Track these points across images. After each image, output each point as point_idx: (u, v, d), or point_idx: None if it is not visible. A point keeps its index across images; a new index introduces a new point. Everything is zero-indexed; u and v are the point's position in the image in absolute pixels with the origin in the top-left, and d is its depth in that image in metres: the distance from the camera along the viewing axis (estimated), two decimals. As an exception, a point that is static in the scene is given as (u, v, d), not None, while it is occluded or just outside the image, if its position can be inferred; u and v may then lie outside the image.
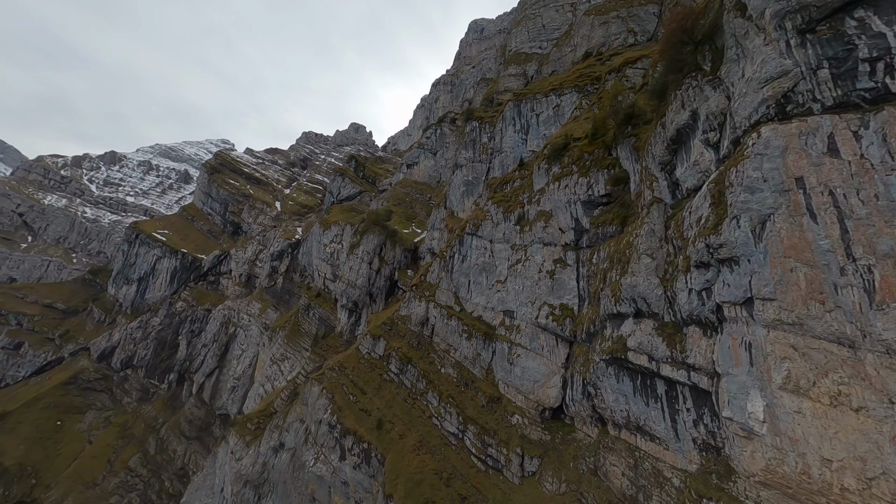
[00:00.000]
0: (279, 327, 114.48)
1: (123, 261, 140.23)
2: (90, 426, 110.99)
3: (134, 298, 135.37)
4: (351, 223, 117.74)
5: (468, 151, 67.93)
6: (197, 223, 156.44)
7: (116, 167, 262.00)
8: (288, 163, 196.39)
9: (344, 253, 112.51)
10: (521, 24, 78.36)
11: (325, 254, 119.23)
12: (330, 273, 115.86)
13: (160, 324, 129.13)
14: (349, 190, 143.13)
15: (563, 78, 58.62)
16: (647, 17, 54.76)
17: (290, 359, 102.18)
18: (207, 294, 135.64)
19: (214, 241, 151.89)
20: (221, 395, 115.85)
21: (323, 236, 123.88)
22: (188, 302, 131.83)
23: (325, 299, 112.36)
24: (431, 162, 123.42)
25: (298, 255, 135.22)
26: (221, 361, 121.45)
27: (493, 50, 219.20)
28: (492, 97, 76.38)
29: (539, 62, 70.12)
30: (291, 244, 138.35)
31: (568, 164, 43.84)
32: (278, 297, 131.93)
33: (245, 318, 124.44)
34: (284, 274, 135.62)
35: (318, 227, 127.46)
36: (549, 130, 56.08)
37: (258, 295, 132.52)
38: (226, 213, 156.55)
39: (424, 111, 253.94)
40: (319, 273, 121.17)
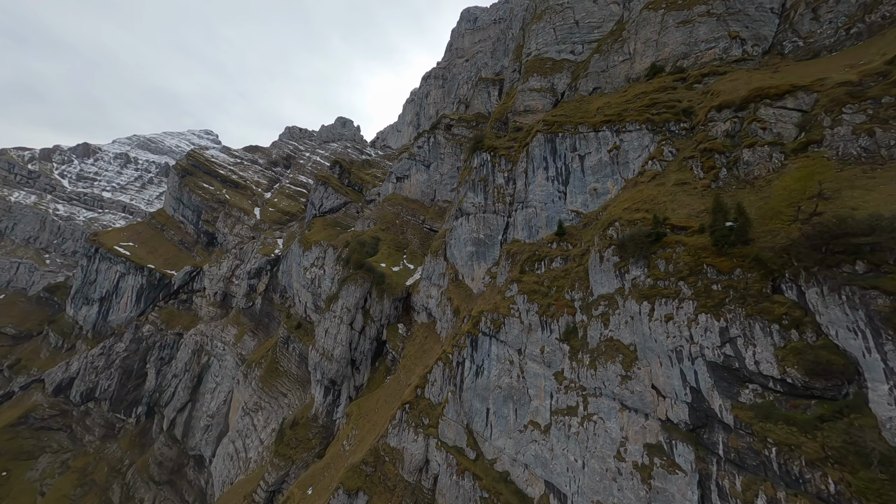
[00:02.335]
0: (255, 362, 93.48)
1: (83, 278, 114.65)
2: (43, 474, 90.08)
3: (95, 321, 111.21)
4: (334, 245, 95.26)
5: (476, 195, 46.41)
6: (167, 232, 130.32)
7: (91, 160, 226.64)
8: (269, 162, 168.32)
9: (327, 280, 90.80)
10: (542, 17, 55.04)
11: (305, 279, 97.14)
12: (311, 302, 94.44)
13: (125, 350, 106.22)
14: (333, 201, 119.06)
15: (620, 102, 37.16)
16: (760, 15, 32.99)
17: (265, 409, 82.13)
18: (179, 315, 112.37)
19: (187, 254, 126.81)
20: (194, 434, 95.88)
21: (303, 258, 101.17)
22: (156, 325, 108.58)
23: (307, 331, 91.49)
24: (424, 176, 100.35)
25: (278, 274, 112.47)
26: (194, 395, 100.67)
27: (489, 42, 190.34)
28: (505, 116, 54.09)
29: (573, 73, 47.92)
30: (271, 260, 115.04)
31: (668, 276, 23.49)
32: (257, 320, 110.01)
33: (219, 347, 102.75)
34: (263, 294, 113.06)
35: (297, 247, 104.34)
36: (602, 184, 35.12)
37: (234, 317, 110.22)
38: (199, 222, 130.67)
39: (414, 106, 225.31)
40: (300, 299, 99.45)
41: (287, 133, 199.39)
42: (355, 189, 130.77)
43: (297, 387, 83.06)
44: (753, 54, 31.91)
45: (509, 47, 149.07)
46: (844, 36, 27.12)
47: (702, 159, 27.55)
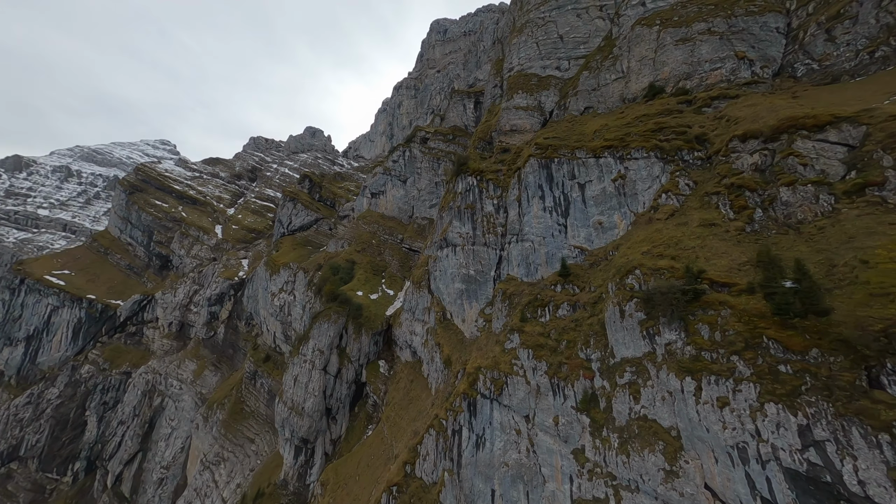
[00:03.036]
0: (218, 403, 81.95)
1: (5, 314, 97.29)
2: (-49, 556, 73.38)
3: (21, 364, 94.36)
4: (304, 269, 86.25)
5: (463, 224, 40.78)
6: (112, 257, 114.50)
7: (23, 174, 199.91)
8: (232, 175, 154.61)
9: (298, 307, 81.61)
10: (523, 31, 50.88)
11: (273, 306, 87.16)
12: (281, 332, 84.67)
13: (59, 396, 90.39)
14: (303, 218, 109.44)
15: (620, 125, 33.05)
16: (766, 35, 30.12)
17: (229, 460, 71.36)
18: (126, 351, 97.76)
19: (136, 280, 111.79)
20: (146, 489, 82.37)
21: (270, 282, 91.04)
22: (98, 364, 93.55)
23: (276, 364, 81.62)
24: (401, 191, 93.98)
25: (243, 299, 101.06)
26: (145, 443, 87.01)
27: (460, 54, 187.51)
28: (489, 135, 49.11)
29: (560, 90, 43.82)
30: (234, 284, 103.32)
31: (715, 346, 18.85)
32: (219, 351, 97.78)
33: (175, 386, 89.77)
34: (227, 322, 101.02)
35: (263, 270, 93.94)
36: (608, 217, 30.63)
37: (193, 350, 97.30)
38: (150, 244, 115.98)
39: (387, 116, 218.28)
40: (268, 327, 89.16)
41: (252, 144, 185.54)
42: (327, 204, 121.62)
43: (265, 430, 73.08)
44: (764, 77, 28.89)
45: (481, 60, 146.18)
46: (868, 60, 24.45)
47: (730, 196, 23.51)
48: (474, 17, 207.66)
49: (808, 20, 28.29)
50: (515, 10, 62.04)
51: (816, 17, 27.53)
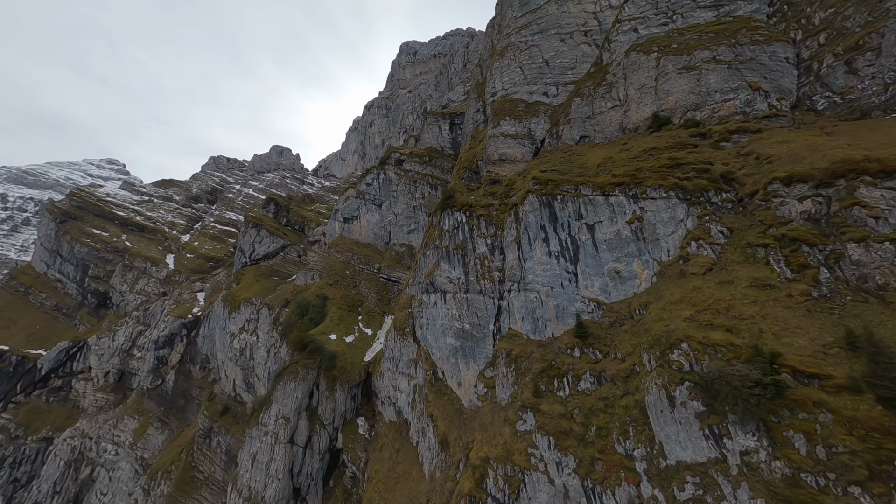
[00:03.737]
0: (163, 470, 68.16)
1: None
2: None
3: None
4: (269, 304, 75.85)
5: (453, 268, 34.72)
6: (35, 296, 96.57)
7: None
8: (188, 198, 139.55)
9: (261, 349, 70.75)
10: (505, 55, 47.11)
11: (232, 349, 75.49)
12: (241, 379, 73.02)
13: (-45, 476, 71.75)
14: (268, 245, 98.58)
15: (627, 159, 28.96)
16: (776, 65, 27.56)
17: (174, 547, 58.58)
18: (47, 412, 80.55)
19: (65, 322, 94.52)
20: (68, 585, 66.12)
21: (229, 321, 79.31)
22: (9, 432, 75.81)
23: (236, 416, 69.79)
24: (376, 216, 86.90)
25: (198, 339, 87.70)
26: (69, 526, 70.61)
27: (430, 75, 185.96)
28: (475, 164, 44.02)
29: (551, 117, 39.84)
30: (188, 323, 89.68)
31: (820, 467, 13.80)
32: (168, 402, 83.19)
33: (109, 451, 74.36)
34: (178, 367, 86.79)
35: (221, 307, 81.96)
36: (626, 266, 25.90)
37: (135, 404, 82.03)
38: (85, 279, 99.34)
39: (358, 135, 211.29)
40: (227, 373, 76.92)
41: (212, 164, 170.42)
42: (295, 229, 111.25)
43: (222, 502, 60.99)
44: (783, 109, 26.08)
45: (453, 81, 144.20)
46: (902, 95, 21.98)
47: (783, 251, 19.39)
48: (443, 40, 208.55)
49: (820, 51, 26.09)
50: (493, 33, 58.78)
51: (831, 48, 25.29)
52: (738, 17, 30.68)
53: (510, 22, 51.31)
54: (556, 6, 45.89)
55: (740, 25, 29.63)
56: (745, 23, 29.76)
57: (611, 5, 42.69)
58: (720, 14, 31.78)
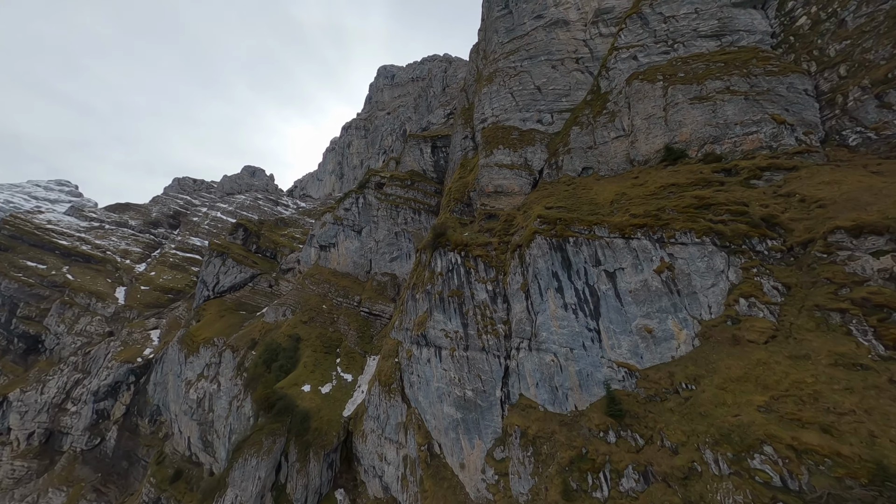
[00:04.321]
0: (94, 557, 55.38)
1: None
2: None
3: None
4: (233, 346, 66.21)
5: (449, 318, 29.14)
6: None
7: None
8: (147, 223, 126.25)
9: (223, 399, 60.65)
10: (493, 80, 43.96)
11: (188, 400, 64.66)
12: (198, 436, 62.10)
13: None
14: (234, 276, 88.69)
15: (644, 196, 25.34)
16: (796, 97, 25.36)
17: None
18: (-52, 489, 64.65)
19: (-17, 374, 78.84)
20: None
21: (186, 366, 68.53)
22: None
23: (190, 483, 58.63)
24: (355, 243, 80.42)
25: (148, 387, 75.29)
26: None
27: (409, 97, 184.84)
28: (467, 196, 39.39)
29: (549, 147, 36.32)
30: (136, 368, 77.09)
31: None
32: (108, 467, 69.57)
33: (27, 535, 60.02)
34: (121, 421, 73.59)
35: (177, 350, 70.95)
36: (659, 324, 21.55)
37: (64, 471, 67.86)
38: (12, 321, 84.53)
39: (336, 155, 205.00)
40: (181, 428, 65.47)
41: (176, 186, 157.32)
42: (267, 256, 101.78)
43: None
44: (814, 145, 23.55)
45: (433, 104, 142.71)
46: (949, 132, 19.79)
47: (869, 319, 15.62)
48: (420, 64, 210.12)
49: (843, 84, 24.14)
50: (477, 58, 56.13)
51: (856, 81, 23.32)
52: (743, 48, 28.84)
53: (496, 48, 48.65)
54: (545, 33, 43.63)
55: (749, 55, 27.65)
56: (753, 53, 27.85)
57: (601, 34, 40.81)
58: (723, 44, 29.93)
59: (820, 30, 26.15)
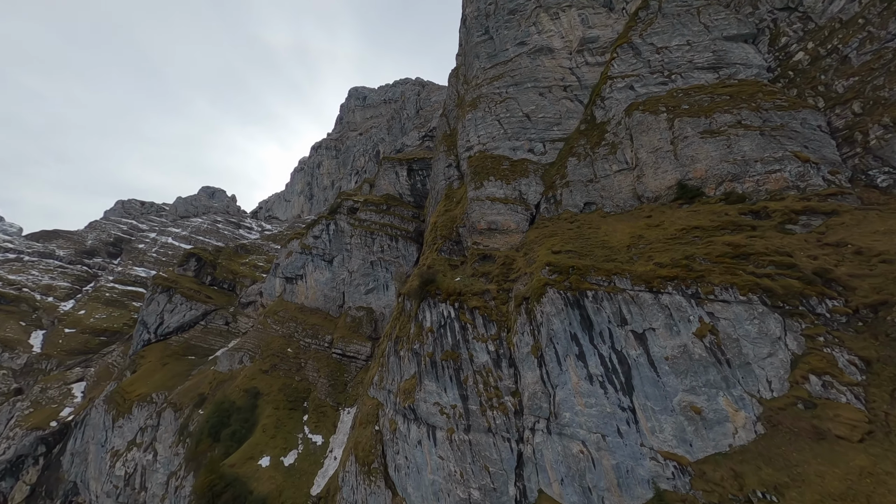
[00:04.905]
0: None
1: None
2: None
3: None
4: (176, 404, 55.05)
5: (445, 389, 23.26)
6: None
7: None
8: (79, 252, 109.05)
9: (159, 474, 48.87)
10: (478, 106, 40.58)
11: (113, 476, 52.02)
12: (124, 523, 49.61)
13: None
14: (183, 314, 76.67)
15: (665, 240, 21.94)
16: (811, 133, 23.49)
17: None
18: None
19: None
20: None
21: (113, 432, 55.84)
22: None
23: (112, 587, 45.74)
24: (326, 274, 72.70)
25: (63, 458, 60.58)
26: None
27: (381, 119, 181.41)
28: (456, 233, 34.50)
29: (544, 179, 32.74)
30: (48, 436, 62.14)
31: None
32: (-1, 572, 53.97)
33: None
34: (25, 507, 58.00)
35: (102, 410, 58.01)
36: (709, 401, 17.45)
37: (-65, 586, 51.44)
38: None
39: (305, 175, 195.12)
40: (104, 513, 52.30)
41: (119, 209, 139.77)
42: (224, 288, 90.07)
43: None
44: (844, 185, 21.43)
45: (406, 126, 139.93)
46: None
47: None
48: (392, 87, 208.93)
49: (860, 121, 22.70)
50: (457, 83, 53.12)
51: (875, 119, 21.87)
52: (744, 81, 27.41)
53: (478, 73, 45.77)
54: (529, 60, 41.32)
55: (753, 89, 26.07)
56: (756, 86, 26.35)
57: (587, 62, 39.05)
58: (721, 76, 28.46)
59: (821, 65, 25.17)
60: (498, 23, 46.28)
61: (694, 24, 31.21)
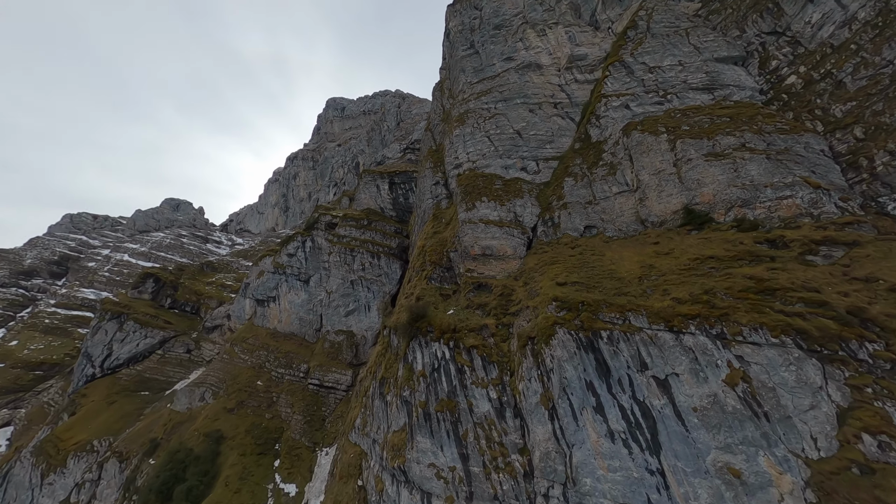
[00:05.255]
0: None
1: None
2: None
3: None
4: (121, 453, 47.78)
5: (441, 447, 19.90)
6: None
7: None
8: (14, 273, 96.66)
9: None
10: (465, 121, 38.46)
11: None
12: None
13: None
14: (136, 343, 68.35)
15: (678, 269, 20.01)
16: (815, 157, 22.79)
17: None
18: None
19: None
20: None
21: (41, 492, 47.12)
22: None
23: None
24: (301, 296, 67.66)
25: (-21, 525, 50.46)
26: None
27: (361, 130, 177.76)
28: (447, 258, 31.33)
29: (539, 199, 30.61)
30: (-39, 497, 51.75)
31: None
32: None
33: None
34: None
35: (29, 464, 49.18)
36: (746, 460, 15.18)
37: None
38: None
39: (280, 186, 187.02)
40: None
41: (67, 223, 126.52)
42: (186, 311, 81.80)
43: None
44: (858, 213, 20.54)
45: (387, 138, 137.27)
46: None
47: None
48: (372, 99, 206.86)
49: (863, 146, 22.21)
50: (442, 97, 51.12)
51: (880, 144, 21.40)
52: (740, 103, 26.87)
53: (465, 87, 43.92)
54: (517, 75, 39.94)
55: (751, 111, 25.43)
56: (755, 109, 25.76)
57: (576, 80, 38.11)
58: (716, 97, 27.87)
59: (816, 89, 24.94)
60: (483, 37, 44.96)
61: (684, 45, 30.85)
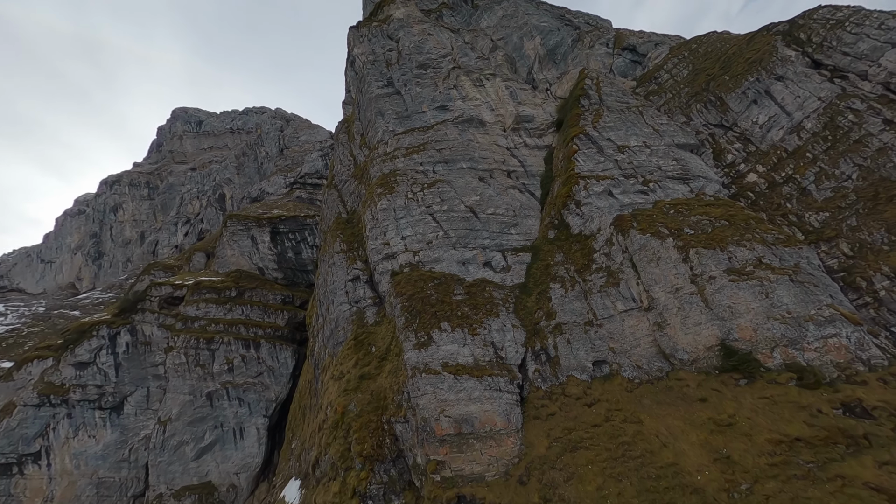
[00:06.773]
0: None
1: None
2: None
3: None
4: None
5: None
6: None
7: None
8: None
9: None
10: (394, 189, 26.72)
11: None
12: None
13: None
14: None
15: (778, 471, 13.22)
16: (822, 278, 17.78)
17: None
18: None
19: None
20: None
21: None
22: None
23: None
24: (106, 436, 42.18)
25: None
26: None
27: (227, 152, 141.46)
28: (390, 436, 18.20)
29: (520, 315, 20.98)
30: None
31: None
32: None
33: None
34: None
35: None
36: None
37: None
38: None
39: (88, 222, 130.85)
40: None
41: None
42: None
43: None
44: None
45: (267, 168, 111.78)
46: None
47: None
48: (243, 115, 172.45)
49: (854, 265, 21.13)
50: (351, 143, 38.10)
51: (873, 266, 20.44)
52: (721, 199, 24.49)
53: (386, 137, 32.61)
54: (458, 131, 31.34)
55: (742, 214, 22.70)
56: (736, 208, 23.38)
57: (526, 144, 32.08)
58: (693, 189, 25.08)
59: (781, 192, 24.44)
60: (406, 76, 35.24)
61: (643, 125, 28.26)
